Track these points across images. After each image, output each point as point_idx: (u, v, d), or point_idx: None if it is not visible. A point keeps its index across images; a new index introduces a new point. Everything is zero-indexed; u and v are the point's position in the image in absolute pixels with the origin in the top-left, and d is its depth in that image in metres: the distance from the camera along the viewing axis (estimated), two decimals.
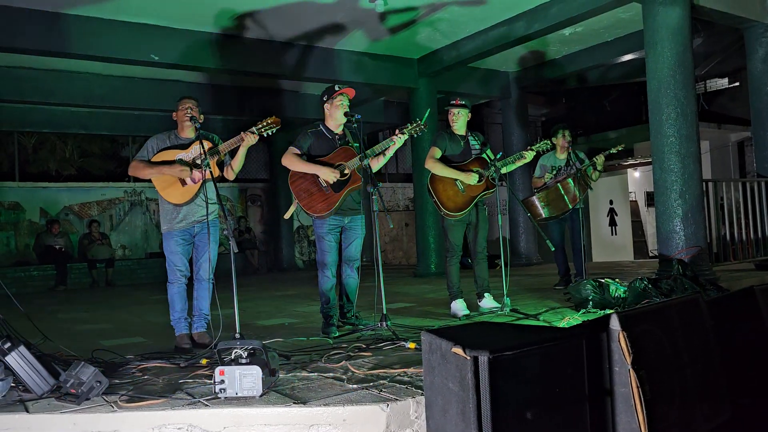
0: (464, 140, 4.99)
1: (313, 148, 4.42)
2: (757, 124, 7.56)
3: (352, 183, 4.36)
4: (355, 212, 4.48)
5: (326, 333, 4.34)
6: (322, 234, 4.42)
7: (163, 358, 3.63)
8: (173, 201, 3.97)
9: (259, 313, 5.97)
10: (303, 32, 8.24)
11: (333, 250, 4.44)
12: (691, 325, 2.59)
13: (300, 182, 4.37)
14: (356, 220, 4.51)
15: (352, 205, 4.46)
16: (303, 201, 4.35)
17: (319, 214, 4.35)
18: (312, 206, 4.34)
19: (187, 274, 4.08)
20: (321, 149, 4.41)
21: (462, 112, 4.97)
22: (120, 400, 2.76)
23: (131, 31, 7.37)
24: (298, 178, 4.38)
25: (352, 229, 4.50)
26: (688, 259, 5.86)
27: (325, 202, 4.33)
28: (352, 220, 4.49)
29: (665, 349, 2.41)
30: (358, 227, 4.52)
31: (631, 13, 8.08)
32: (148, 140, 4.11)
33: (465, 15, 7.89)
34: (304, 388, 2.86)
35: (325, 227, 4.41)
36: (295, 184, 4.38)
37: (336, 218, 4.42)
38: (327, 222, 4.40)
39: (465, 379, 2.03)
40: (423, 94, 9.73)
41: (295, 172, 4.38)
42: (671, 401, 2.37)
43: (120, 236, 12.71)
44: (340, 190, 4.33)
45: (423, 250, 9.79)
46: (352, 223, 4.50)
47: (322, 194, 4.33)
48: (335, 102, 4.42)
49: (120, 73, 9.50)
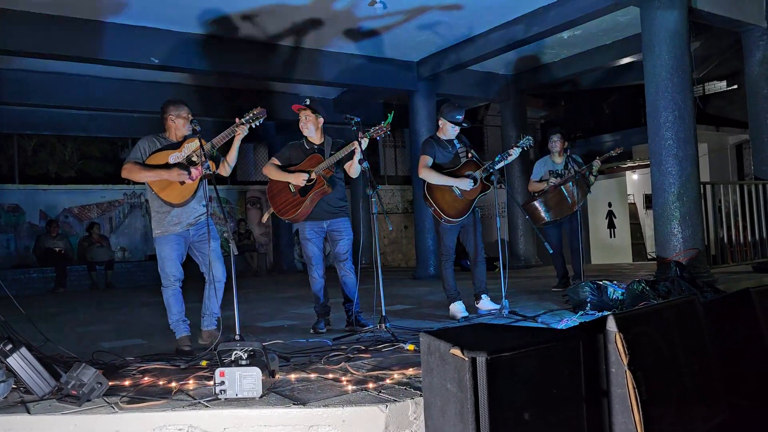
0: (451, 144, 5.02)
1: (293, 157, 4.68)
2: (754, 127, 7.59)
3: (317, 187, 4.53)
4: (334, 215, 4.64)
5: (314, 328, 4.60)
6: (305, 239, 4.68)
7: (164, 360, 3.65)
8: (173, 201, 3.95)
9: (259, 315, 5.99)
10: (300, 34, 8.28)
11: (316, 254, 4.67)
12: (688, 327, 2.62)
13: (274, 189, 4.68)
14: (338, 223, 4.66)
15: (327, 208, 4.63)
16: (276, 207, 4.66)
17: (291, 217, 4.60)
18: (284, 211, 4.62)
19: (181, 278, 4.06)
20: (297, 159, 4.66)
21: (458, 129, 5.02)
22: (121, 401, 2.77)
23: (132, 33, 7.41)
24: (272, 186, 4.70)
25: (335, 231, 4.66)
26: (686, 261, 5.89)
27: (294, 207, 4.56)
28: (333, 223, 4.65)
29: (662, 351, 2.44)
30: (342, 229, 4.66)
31: (629, 17, 8.12)
32: (139, 141, 4.08)
33: (463, 18, 7.93)
34: (303, 389, 2.87)
35: (305, 232, 4.66)
36: (270, 192, 4.73)
37: (314, 223, 4.63)
38: (306, 227, 4.64)
39: (463, 380, 2.06)
40: (422, 97, 9.77)
41: (272, 180, 4.68)
42: (667, 402, 2.39)
43: (119, 238, 12.74)
44: (305, 194, 4.53)
45: (422, 252, 9.82)
46: (334, 226, 4.66)
47: (289, 197, 4.59)
48: (300, 117, 4.68)
49: (120, 76, 9.53)
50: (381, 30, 8.24)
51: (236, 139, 4.03)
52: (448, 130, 5.00)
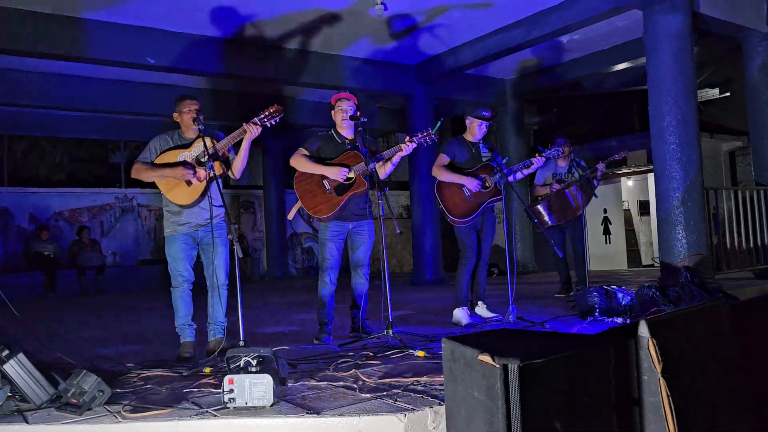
0: (475, 147, 4.93)
1: (322, 150, 4.37)
2: (754, 133, 7.57)
3: (355, 188, 4.29)
4: (360, 218, 4.40)
5: (319, 339, 4.28)
6: (325, 239, 4.36)
7: (165, 367, 3.52)
8: (180, 202, 3.83)
9: (257, 321, 5.86)
10: (300, 37, 8.19)
11: (334, 257, 4.36)
12: (715, 333, 2.53)
13: (304, 183, 4.32)
14: (362, 226, 4.41)
15: (356, 210, 4.38)
16: (306, 202, 4.30)
17: (321, 216, 4.30)
18: (314, 208, 4.28)
19: (191, 279, 3.94)
20: (329, 152, 4.36)
21: (487, 125, 4.92)
22: (123, 410, 2.65)
23: (128, 34, 7.27)
24: (303, 179, 4.33)
25: (359, 234, 4.41)
26: (691, 266, 5.82)
27: (327, 204, 4.27)
28: (358, 225, 4.40)
29: (692, 358, 2.35)
30: (364, 232, 4.42)
31: (627, 22, 8.10)
32: (151, 141, 3.98)
33: (464, 21, 7.87)
34: (314, 397, 2.76)
35: (328, 232, 4.34)
36: (300, 185, 4.33)
37: (339, 224, 4.34)
38: (330, 227, 4.34)
39: (493, 388, 1.95)
40: (420, 101, 9.70)
41: (301, 173, 4.33)
42: (700, 412, 2.30)
43: (110, 242, 12.54)
44: (342, 193, 4.27)
45: (419, 258, 9.72)
46: (358, 228, 4.40)
47: (325, 196, 4.28)
48: (336, 107, 4.41)
49: (114, 77, 9.38)
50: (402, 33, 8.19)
51: (245, 140, 3.87)
52: (476, 129, 4.90)
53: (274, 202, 13.44)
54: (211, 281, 3.98)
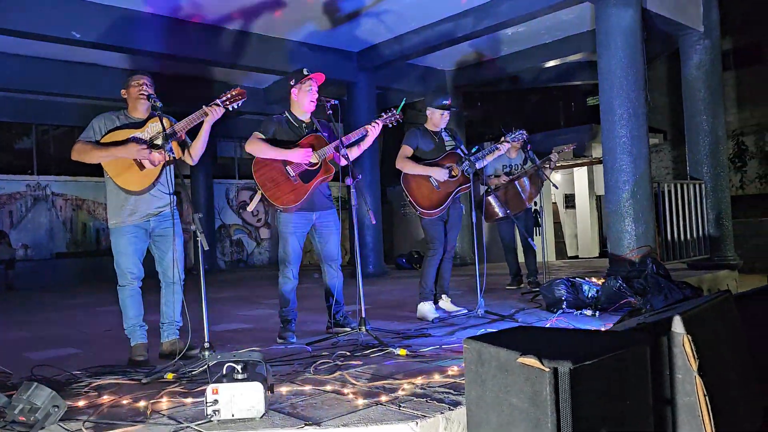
0: (438, 136, 4.74)
1: (278, 134, 4.03)
2: (690, 129, 7.79)
3: (322, 174, 4.00)
4: (324, 207, 4.10)
5: (283, 338, 3.97)
6: (287, 232, 4.03)
7: (117, 373, 3.13)
8: (131, 188, 3.42)
9: (201, 318, 5.43)
10: (239, 17, 7.74)
11: (296, 251, 4.05)
12: (730, 326, 2.46)
13: (265, 170, 3.95)
14: (327, 216, 4.11)
15: (321, 199, 4.08)
16: (268, 191, 3.92)
17: (286, 206, 3.95)
18: (278, 197, 3.92)
19: (140, 276, 3.53)
20: (287, 136, 4.02)
21: (450, 113, 4.74)
22: (84, 427, 2.28)
23: (52, 3, 6.58)
24: (262, 166, 3.95)
25: (325, 226, 4.10)
26: (638, 258, 5.90)
27: (292, 192, 3.93)
28: (322, 215, 4.09)
29: (717, 353, 2.25)
30: (331, 223, 4.12)
31: (573, 16, 8.16)
32: (93, 120, 3.52)
33: (412, 8, 7.68)
34: (305, 405, 2.48)
35: (290, 224, 4.01)
36: (260, 173, 3.95)
37: (302, 214, 4.02)
38: (292, 219, 4.01)
39: (540, 394, 1.76)
40: (362, 89, 9.44)
41: (260, 160, 3.96)
42: (724, 408, 2.21)
43: (21, 235, 11.50)
44: (309, 180, 3.96)
45: (361, 250, 9.47)
46: (323, 219, 4.09)
47: (289, 184, 3.93)
48: (303, 87, 4.08)
49: (30, 53, 8.54)
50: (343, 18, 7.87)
51: (206, 123, 3.50)
52: (438, 119, 4.71)
53: (202, 192, 12.80)
54: (165, 277, 3.60)
